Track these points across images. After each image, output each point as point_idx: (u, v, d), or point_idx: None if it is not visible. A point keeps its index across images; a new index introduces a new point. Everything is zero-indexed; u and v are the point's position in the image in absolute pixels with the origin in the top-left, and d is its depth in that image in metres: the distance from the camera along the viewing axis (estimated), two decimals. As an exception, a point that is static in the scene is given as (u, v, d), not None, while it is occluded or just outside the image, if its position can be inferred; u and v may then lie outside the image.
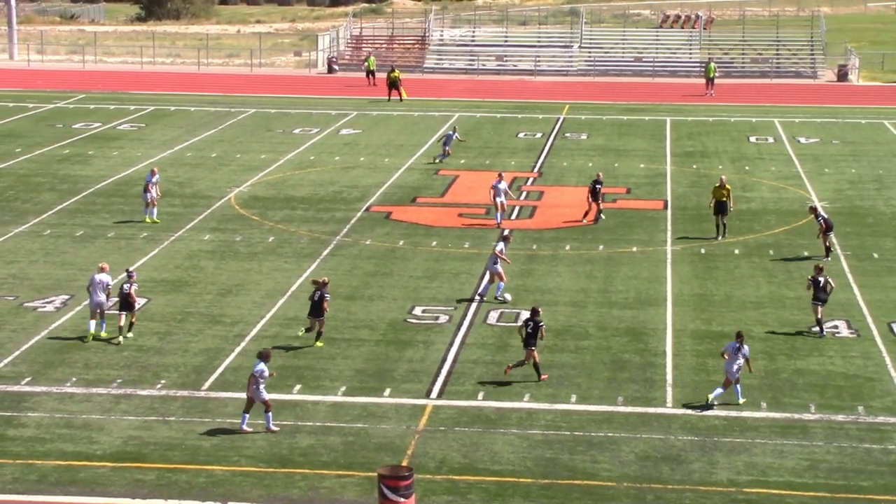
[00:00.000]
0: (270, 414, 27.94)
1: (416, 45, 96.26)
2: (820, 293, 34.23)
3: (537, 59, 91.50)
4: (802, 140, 64.00)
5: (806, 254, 42.18)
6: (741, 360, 29.32)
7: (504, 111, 73.20)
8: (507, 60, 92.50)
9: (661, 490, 25.30)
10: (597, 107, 75.14)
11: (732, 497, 25.01)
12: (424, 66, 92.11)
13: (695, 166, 57.32)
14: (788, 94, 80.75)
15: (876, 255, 42.20)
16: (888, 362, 32.30)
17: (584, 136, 65.26)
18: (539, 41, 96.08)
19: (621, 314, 36.17)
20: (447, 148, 57.98)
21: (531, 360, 30.80)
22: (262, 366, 27.73)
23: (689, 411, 29.07)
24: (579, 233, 45.27)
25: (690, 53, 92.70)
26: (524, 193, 52.07)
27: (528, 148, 62.00)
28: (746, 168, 56.92)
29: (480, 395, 30.10)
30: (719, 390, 29.48)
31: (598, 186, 46.55)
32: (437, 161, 57.32)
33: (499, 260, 37.48)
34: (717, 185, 44.93)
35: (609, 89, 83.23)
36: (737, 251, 42.77)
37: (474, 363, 32.25)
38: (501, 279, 37.53)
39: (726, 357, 29.55)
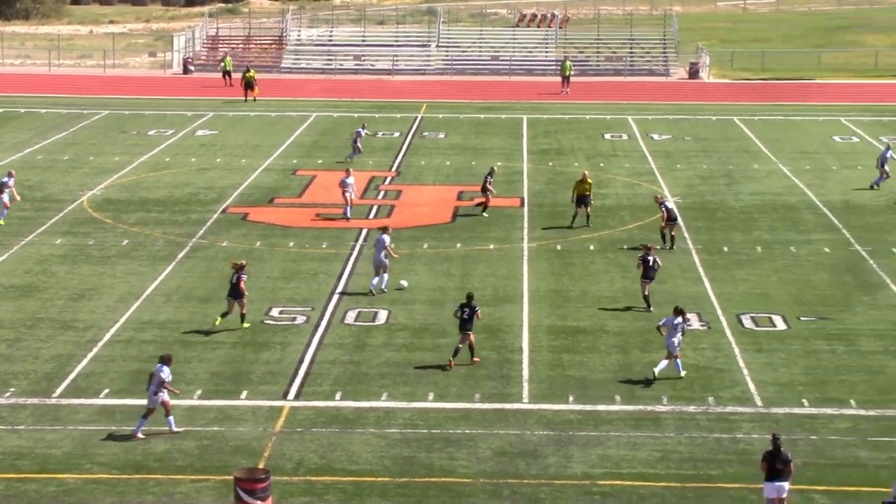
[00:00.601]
0: (171, 417, 27.75)
1: (273, 46, 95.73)
2: (649, 272, 36.16)
3: (395, 58, 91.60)
4: (655, 137, 65.01)
5: (658, 247, 42.80)
6: (680, 335, 30.85)
7: (362, 110, 73.12)
8: (364, 60, 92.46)
9: (517, 485, 25.52)
10: (454, 105, 75.48)
11: (587, 490, 25.34)
12: (282, 66, 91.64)
13: (551, 164, 57.89)
14: (642, 92, 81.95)
15: (726, 249, 43.02)
16: (737, 353, 32.97)
17: (441, 135, 65.51)
18: (397, 40, 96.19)
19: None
20: (357, 145, 58.06)
21: (467, 342, 31.71)
22: (166, 370, 27.51)
23: (545, 406, 29.36)
24: (437, 231, 45.44)
25: (546, 52, 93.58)
26: (382, 193, 52.09)
27: (386, 147, 62.04)
28: (601, 165, 57.63)
29: (338, 396, 30.07)
30: (664, 363, 30.93)
31: (488, 179, 48.12)
32: (347, 160, 57.11)
33: (386, 252, 37.86)
34: (580, 179, 45.85)
35: (466, 88, 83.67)
36: (592, 247, 43.29)
37: (332, 364, 32.19)
38: (385, 271, 37.89)
39: (664, 333, 31.07)
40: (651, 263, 36.17)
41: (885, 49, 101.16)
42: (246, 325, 34.67)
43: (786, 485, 23.59)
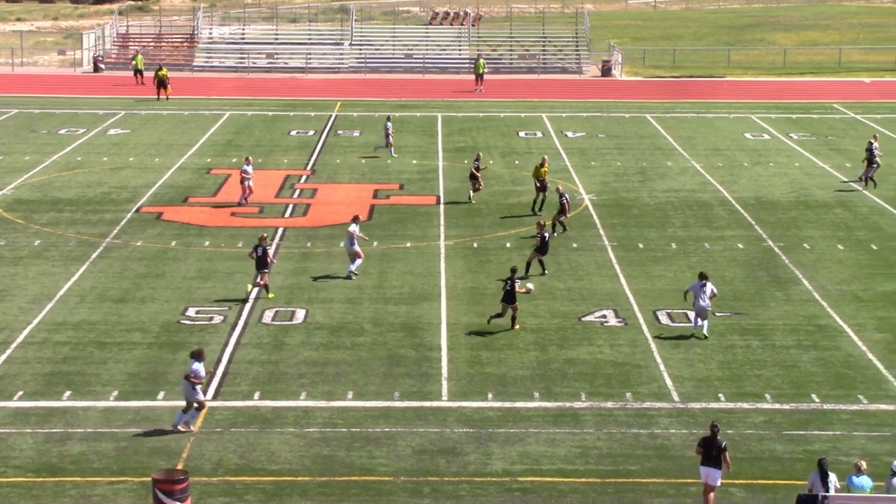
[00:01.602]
0: (196, 414, 28.01)
1: (184, 44, 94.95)
2: (544, 248, 39.21)
3: (308, 56, 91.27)
4: (569, 134, 65.34)
5: (575, 245, 43.10)
6: (708, 296, 33.56)
7: (275, 109, 72.79)
8: (277, 58, 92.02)
9: (437, 483, 25.53)
10: (369, 104, 75.35)
11: (507, 486, 25.41)
12: (194, 64, 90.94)
13: (466, 161, 57.95)
14: (555, 90, 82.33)
15: (641, 246, 43.34)
16: (654, 349, 33.23)
17: (356, 133, 65.35)
18: (310, 38, 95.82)
19: (396, 310, 36.35)
20: (389, 139, 58.74)
21: (508, 312, 34.30)
22: (197, 365, 27.65)
23: (465, 403, 29.40)
24: (353, 230, 45.34)
25: (460, 50, 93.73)
26: (297, 191, 51.87)
27: (301, 146, 61.79)
28: (516, 162, 57.82)
29: (256, 395, 29.89)
30: (705, 323, 33.86)
31: (477, 165, 49.13)
32: (375, 151, 59.11)
33: (355, 239, 38.82)
34: (539, 164, 47.53)
35: (380, 86, 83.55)
36: (508, 244, 43.42)
37: (250, 363, 32.00)
38: (359, 256, 38.95)
39: (687, 298, 34.49)
40: (547, 240, 39.32)
41: (793, 47, 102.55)
42: (271, 295, 36.94)
43: (717, 472, 24.11)
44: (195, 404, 27.95)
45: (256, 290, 37.30)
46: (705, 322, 34.00)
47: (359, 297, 37.51)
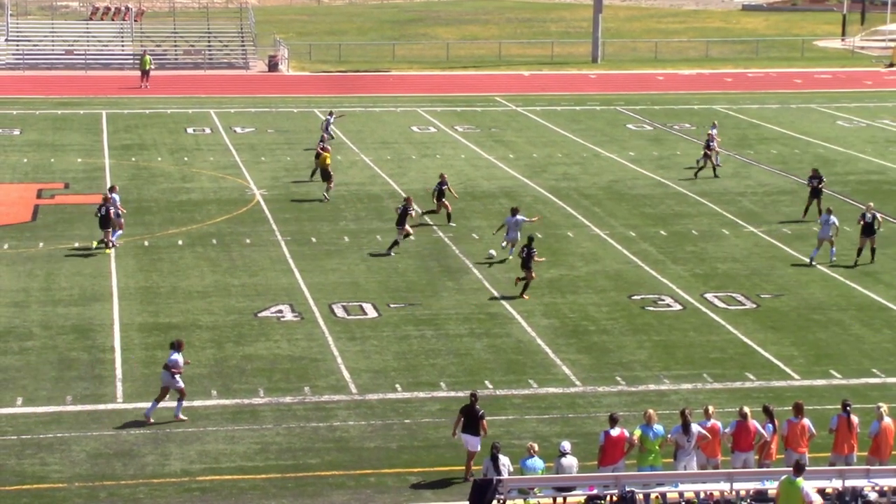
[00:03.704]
0: (183, 403, 28.15)
1: None
2: (403, 219, 41.60)
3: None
4: (238, 130, 64.94)
5: (249, 241, 42.89)
6: (832, 226, 40.33)
7: (-72, 107, 69.62)
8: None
9: (114, 487, 25.00)
10: (29, 101, 72.95)
11: (186, 487, 25.10)
12: None
13: (133, 159, 56.87)
14: (222, 85, 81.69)
15: (314, 240, 43.48)
16: (331, 342, 33.41)
17: (17, 132, 63.18)
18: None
19: (66, 311, 35.36)
20: (327, 134, 57.18)
21: (526, 278, 36.89)
22: (176, 356, 28.01)
23: (140, 405, 28.83)
24: (17, 231, 43.86)
25: (123, 46, 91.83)
26: (-45, 192, 49.82)
27: (-43, 145, 59.29)
28: (185, 159, 57.10)
29: (-82, 407, 28.57)
30: (815, 251, 40.54)
31: (443, 188, 45.82)
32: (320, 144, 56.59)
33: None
34: (316, 155, 49.77)
35: (40, 83, 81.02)
36: (180, 242, 42.84)
37: None
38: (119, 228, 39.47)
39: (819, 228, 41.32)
40: (409, 211, 41.80)
41: (455, 41, 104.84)
42: (107, 251, 40.74)
43: (476, 439, 25.34)
44: (178, 392, 28.19)
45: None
46: (833, 249, 40.80)
47: (25, 300, 36.30)
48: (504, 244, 41.40)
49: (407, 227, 41.83)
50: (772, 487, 22.98)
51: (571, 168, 56.36)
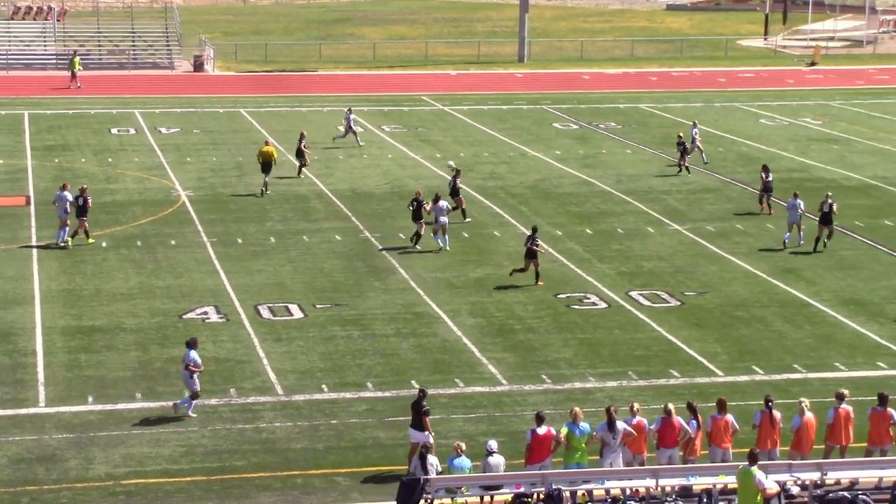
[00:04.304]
0: (194, 403, 28.25)
1: None
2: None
3: None
4: (163, 130, 64.48)
5: (174, 242, 42.60)
6: (799, 211, 42.35)
7: None
8: None
9: (36, 492, 24.74)
10: (-51, 102, 72.05)
11: (111, 490, 24.90)
12: None
13: (57, 160, 56.32)
14: (147, 86, 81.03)
15: (240, 241, 43.27)
16: (257, 344, 33.27)
17: (-63, 133, 62.40)
18: None
19: (-13, 315, 34.98)
20: (352, 129, 60.05)
21: (530, 267, 38.18)
22: (193, 353, 28.17)
23: (64, 408, 28.57)
24: (-63, 234, 43.33)
25: (45, 46, 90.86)
26: None
27: None
28: (110, 160, 56.61)
29: None
30: (787, 235, 42.58)
31: (457, 182, 47.07)
32: (334, 141, 59.81)
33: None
34: (263, 148, 50.83)
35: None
36: (104, 244, 42.46)
37: None
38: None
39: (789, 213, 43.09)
40: (423, 205, 42.40)
41: (382, 41, 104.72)
42: (90, 241, 41.58)
43: (421, 434, 25.39)
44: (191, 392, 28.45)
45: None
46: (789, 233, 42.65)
47: (-54, 304, 35.87)
48: (434, 233, 42.47)
49: (423, 221, 42.73)
50: (696, 483, 23.26)
51: (498, 167, 56.50)
